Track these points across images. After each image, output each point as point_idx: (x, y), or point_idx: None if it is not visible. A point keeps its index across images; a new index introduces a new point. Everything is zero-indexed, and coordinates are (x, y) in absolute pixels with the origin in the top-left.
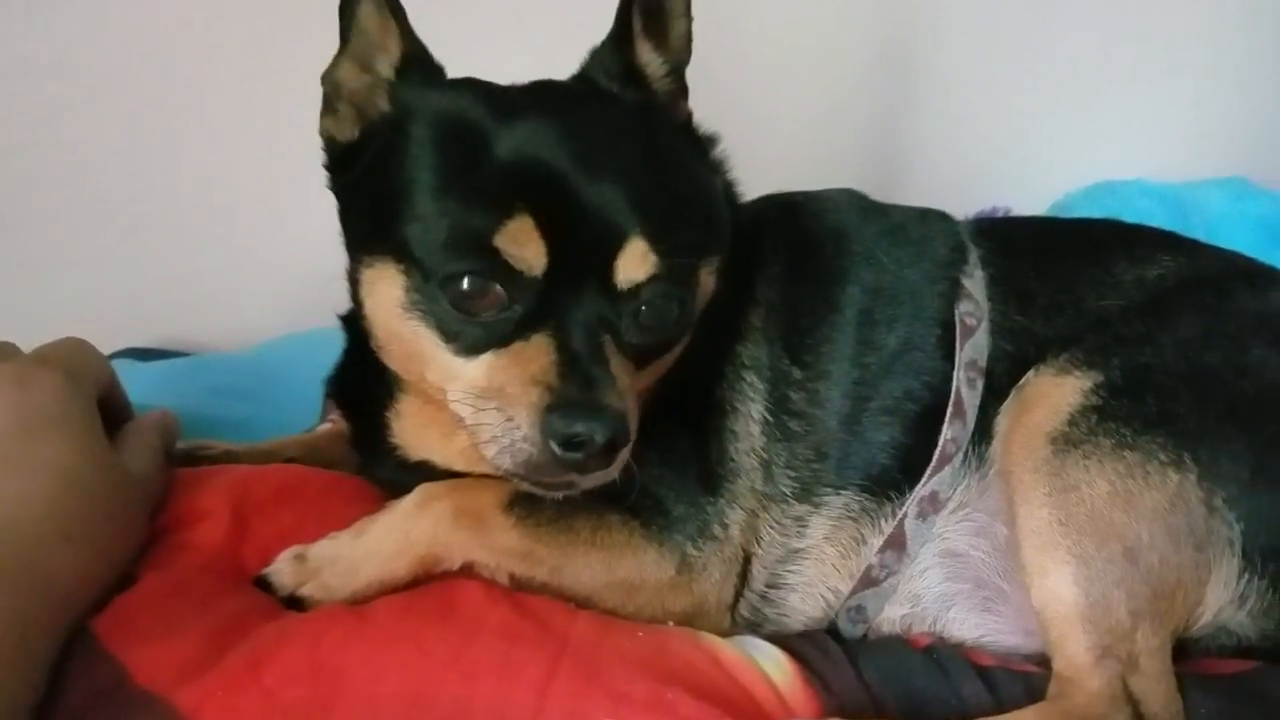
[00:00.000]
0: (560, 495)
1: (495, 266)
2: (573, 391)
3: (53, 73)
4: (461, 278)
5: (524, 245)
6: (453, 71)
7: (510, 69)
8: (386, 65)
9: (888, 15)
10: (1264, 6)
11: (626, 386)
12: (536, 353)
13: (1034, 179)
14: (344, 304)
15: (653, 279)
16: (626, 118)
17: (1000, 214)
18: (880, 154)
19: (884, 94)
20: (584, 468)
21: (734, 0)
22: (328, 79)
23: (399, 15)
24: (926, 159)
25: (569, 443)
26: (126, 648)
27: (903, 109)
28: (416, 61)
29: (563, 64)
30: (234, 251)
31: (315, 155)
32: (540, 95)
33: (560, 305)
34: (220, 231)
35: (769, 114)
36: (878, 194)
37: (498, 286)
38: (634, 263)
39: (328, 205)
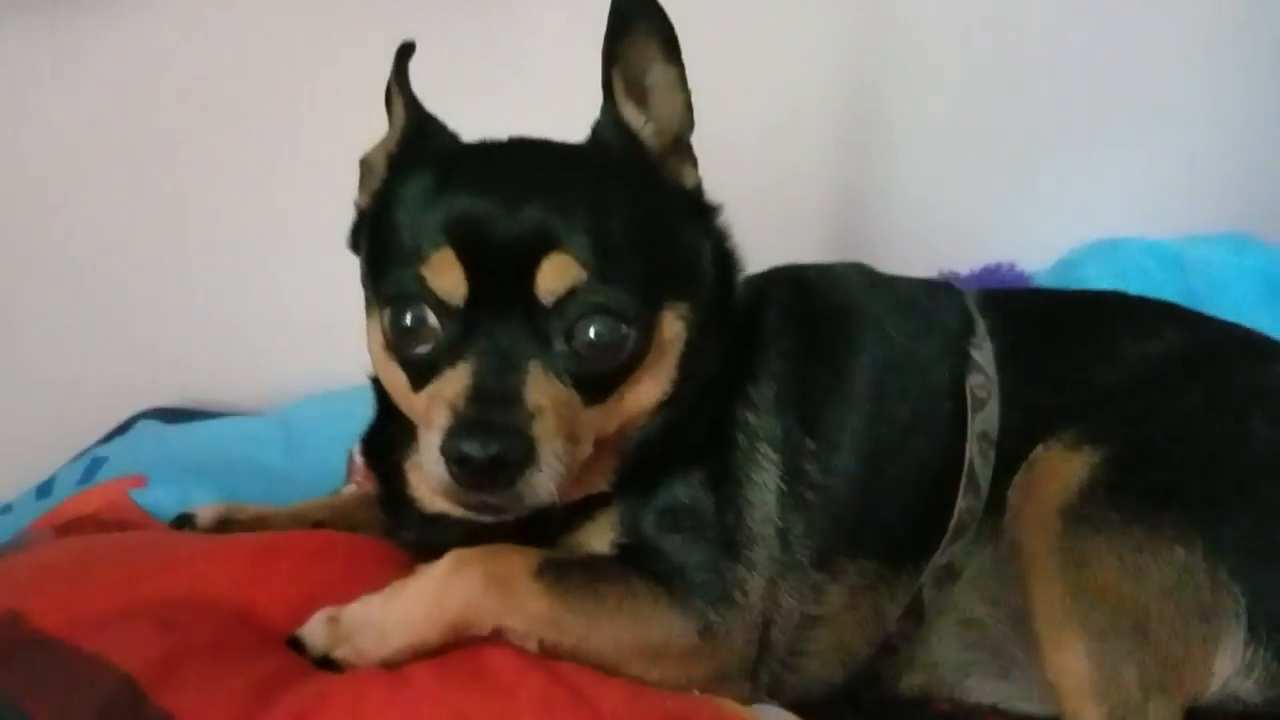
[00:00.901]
0: (490, 518)
1: (426, 298)
2: (468, 412)
3: (83, 135)
4: (398, 309)
5: (444, 275)
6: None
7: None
8: (393, 139)
9: (881, 70)
10: (1259, 58)
11: (544, 409)
12: (455, 378)
13: (1034, 233)
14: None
15: (579, 294)
16: (586, 158)
17: (1005, 270)
18: (880, 210)
19: (885, 149)
20: (480, 485)
21: (718, 62)
22: (363, 161)
23: (405, 89)
24: (925, 216)
25: (459, 460)
26: (174, 698)
27: (901, 165)
28: (415, 133)
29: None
30: (257, 311)
31: (340, 216)
32: (499, 147)
33: (483, 331)
34: (244, 291)
35: (753, 174)
36: (879, 251)
37: (430, 316)
38: (554, 276)
39: (349, 265)
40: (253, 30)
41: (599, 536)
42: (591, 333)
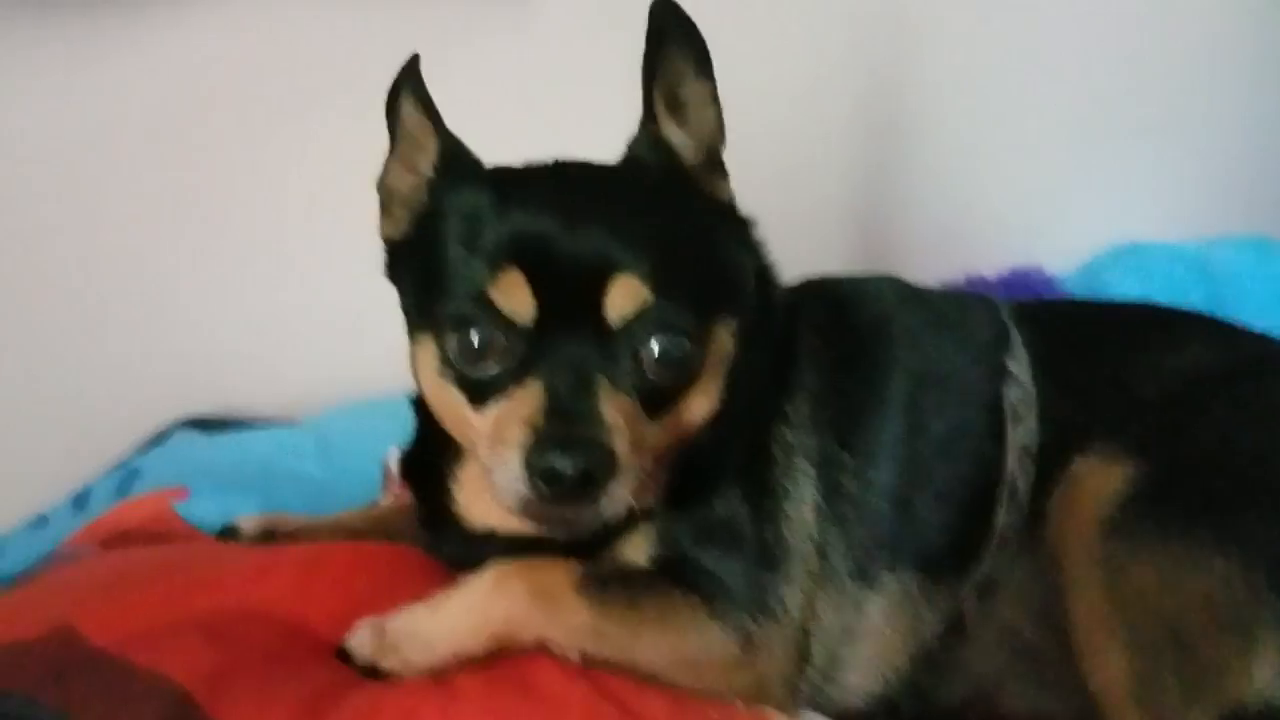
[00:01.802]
0: (564, 535)
1: (492, 318)
2: (551, 428)
3: (116, 142)
4: (463, 329)
5: (512, 296)
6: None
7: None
8: (427, 164)
9: (905, 76)
10: (1270, 58)
11: (619, 425)
12: (529, 396)
13: (1060, 235)
14: (403, 377)
15: (646, 314)
16: (637, 178)
17: (1033, 274)
18: (907, 215)
19: (910, 154)
20: (566, 501)
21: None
22: (381, 186)
23: (433, 114)
24: (951, 220)
25: (546, 477)
26: (228, 711)
27: (926, 170)
28: (452, 156)
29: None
30: (288, 319)
31: (368, 223)
32: (551, 170)
33: (553, 351)
34: (276, 299)
35: (778, 182)
36: (906, 256)
37: (498, 337)
38: (623, 297)
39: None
40: (276, 36)
41: (637, 550)
42: (656, 349)
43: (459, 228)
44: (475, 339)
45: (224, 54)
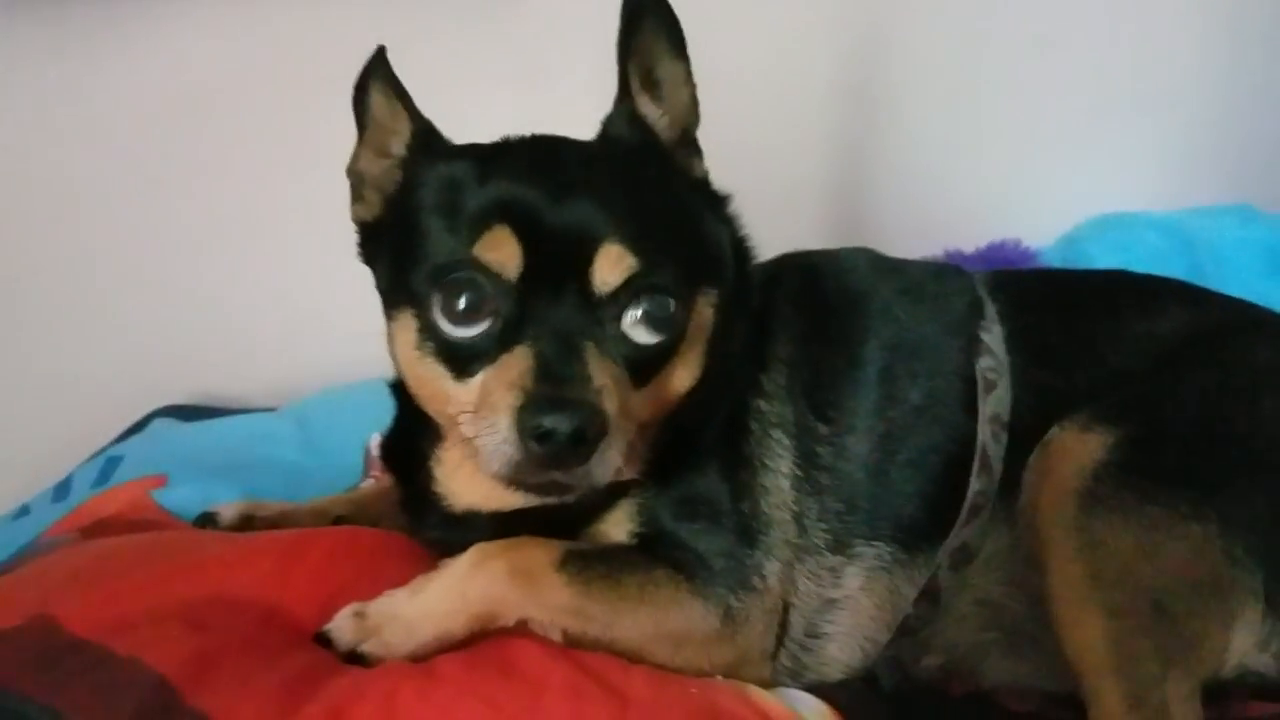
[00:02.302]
0: (556, 498)
1: (474, 276)
2: (543, 389)
3: (91, 137)
4: (451, 288)
5: (499, 249)
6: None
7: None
8: (400, 145)
9: (883, 50)
10: (1259, 31)
11: (608, 389)
12: (516, 361)
13: (1038, 209)
14: (382, 362)
15: (631, 282)
16: (617, 151)
17: (1010, 246)
18: (884, 189)
19: (888, 128)
20: (559, 462)
21: (718, 42)
22: (351, 171)
23: (405, 98)
24: (929, 194)
25: (538, 436)
26: (208, 698)
27: (904, 144)
28: (423, 136)
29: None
30: (267, 306)
31: (343, 211)
32: (530, 143)
33: (539, 315)
34: (254, 287)
35: (756, 156)
36: (884, 230)
37: (484, 294)
38: (609, 265)
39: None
40: (260, 32)
41: (618, 526)
42: (640, 312)
43: (438, 198)
44: (462, 301)
45: (200, 47)
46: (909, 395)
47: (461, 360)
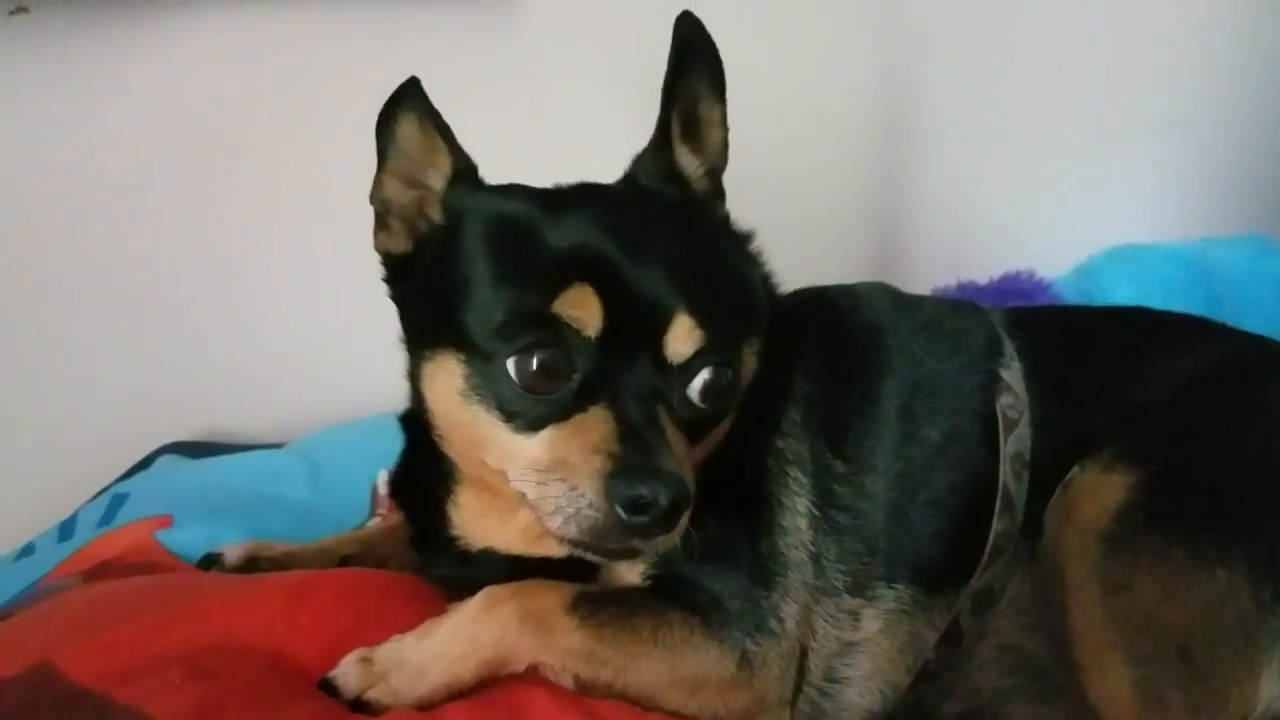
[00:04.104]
0: (624, 561)
1: (554, 334)
2: (634, 456)
3: (99, 168)
4: (530, 353)
5: (583, 307)
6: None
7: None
8: (438, 179)
9: (898, 83)
10: (1270, 60)
11: (683, 454)
12: (596, 423)
13: (1052, 240)
14: (389, 397)
15: (700, 353)
16: (667, 211)
17: (1025, 278)
18: (899, 221)
19: (902, 161)
20: (648, 531)
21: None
22: (375, 198)
23: (445, 132)
24: (943, 225)
25: (634, 505)
26: None
27: (918, 176)
28: (467, 173)
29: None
30: (274, 343)
31: (355, 244)
32: (585, 193)
33: (616, 377)
34: (261, 323)
35: (772, 187)
36: (899, 261)
37: (560, 359)
38: (682, 337)
39: (365, 295)
40: (262, 60)
41: (631, 568)
42: (706, 386)
43: (497, 243)
44: (540, 357)
45: (207, 76)
46: (928, 433)
47: (526, 416)
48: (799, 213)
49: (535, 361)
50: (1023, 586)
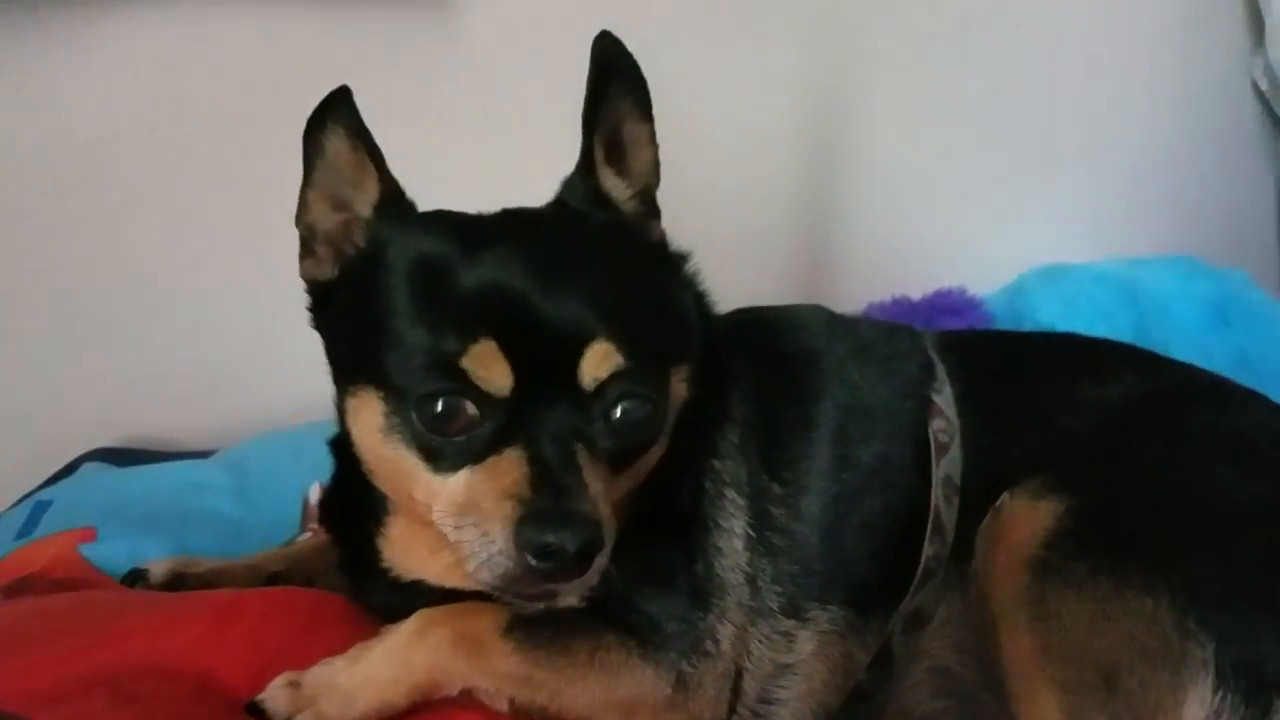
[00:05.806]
0: (542, 606)
1: (465, 388)
2: (544, 502)
3: (15, 174)
4: (435, 400)
5: (489, 367)
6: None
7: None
8: (365, 204)
9: (833, 99)
10: (1201, 85)
11: (600, 493)
12: (509, 467)
13: (984, 258)
14: (323, 405)
15: (617, 377)
16: (590, 235)
17: (956, 294)
18: (833, 237)
19: (837, 177)
20: (559, 576)
21: (678, 90)
22: (301, 221)
23: (374, 153)
24: (877, 242)
25: (542, 552)
26: None
27: (852, 193)
28: (394, 200)
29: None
30: (202, 348)
31: (285, 250)
32: (506, 222)
33: (531, 419)
34: (189, 327)
35: (708, 203)
36: (833, 277)
37: (469, 406)
38: (596, 362)
39: (294, 302)
40: (205, 64)
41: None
42: (627, 414)
43: (414, 281)
44: (443, 408)
45: (140, 89)
46: (862, 456)
47: (441, 456)
48: (735, 230)
49: (440, 406)
50: (953, 609)
